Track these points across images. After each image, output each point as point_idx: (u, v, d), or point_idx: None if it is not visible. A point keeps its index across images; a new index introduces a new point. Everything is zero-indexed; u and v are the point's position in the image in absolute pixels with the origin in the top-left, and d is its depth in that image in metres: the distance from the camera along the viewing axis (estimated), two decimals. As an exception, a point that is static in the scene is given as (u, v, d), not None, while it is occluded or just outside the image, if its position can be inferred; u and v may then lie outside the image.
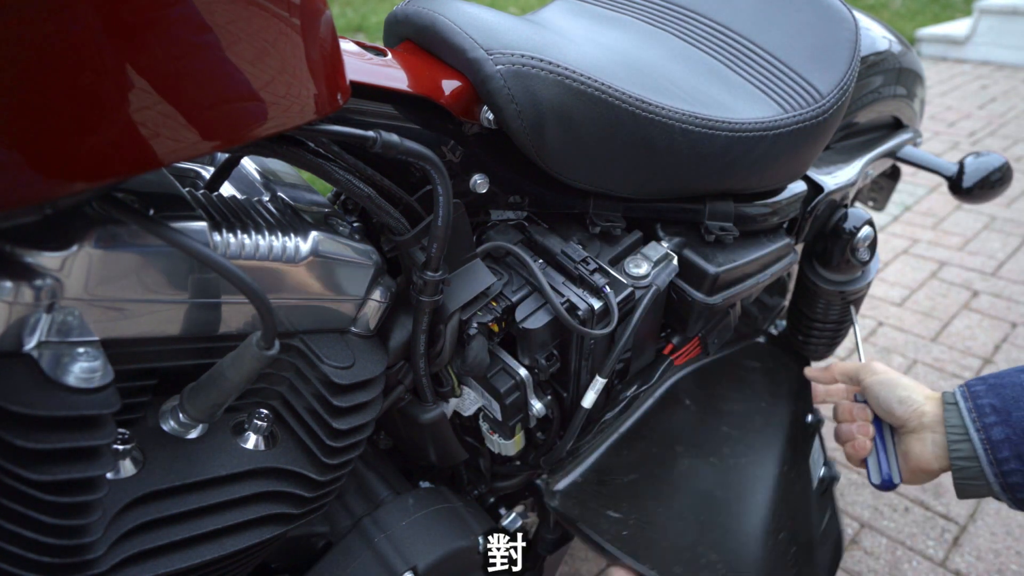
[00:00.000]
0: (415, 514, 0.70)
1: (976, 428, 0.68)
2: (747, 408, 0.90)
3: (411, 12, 0.66)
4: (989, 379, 0.70)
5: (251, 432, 0.55)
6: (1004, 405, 0.67)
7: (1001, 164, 1.20)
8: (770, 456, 0.86)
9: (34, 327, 0.40)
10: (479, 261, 0.66)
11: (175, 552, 0.49)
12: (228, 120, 0.41)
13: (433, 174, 0.55)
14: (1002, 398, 0.67)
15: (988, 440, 0.67)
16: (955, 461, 0.69)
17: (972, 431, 0.68)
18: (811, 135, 0.78)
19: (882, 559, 1.31)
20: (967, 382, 0.72)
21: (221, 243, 0.48)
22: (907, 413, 0.74)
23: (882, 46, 1.07)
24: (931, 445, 0.72)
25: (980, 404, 0.68)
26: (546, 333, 0.68)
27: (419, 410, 0.69)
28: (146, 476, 0.48)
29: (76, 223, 0.42)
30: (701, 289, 0.77)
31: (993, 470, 0.66)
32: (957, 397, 0.71)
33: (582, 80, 0.63)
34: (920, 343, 1.84)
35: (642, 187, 0.73)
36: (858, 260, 0.98)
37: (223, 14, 0.38)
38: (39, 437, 0.39)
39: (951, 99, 3.61)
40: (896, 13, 5.20)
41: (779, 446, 0.88)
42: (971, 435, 0.68)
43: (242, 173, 0.65)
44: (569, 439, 0.75)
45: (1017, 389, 0.67)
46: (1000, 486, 0.67)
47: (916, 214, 2.50)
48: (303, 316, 0.56)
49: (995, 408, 0.67)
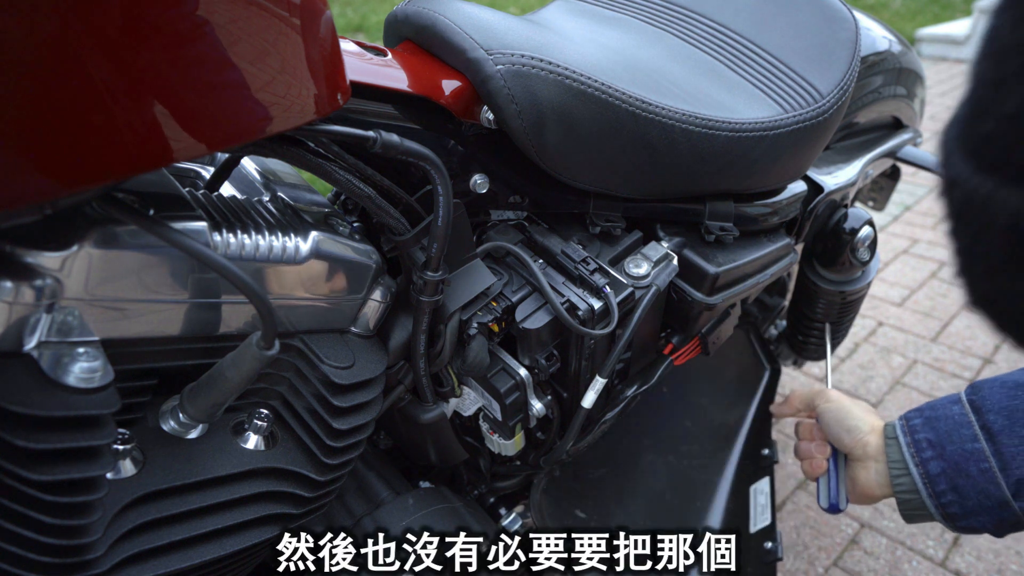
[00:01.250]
0: (415, 514, 0.69)
1: (915, 463, 0.72)
2: (711, 403, 0.91)
3: (411, 12, 0.66)
4: (926, 411, 0.74)
5: (251, 432, 0.55)
6: (939, 439, 0.71)
7: (1001, 164, 1.20)
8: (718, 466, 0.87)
9: (34, 327, 0.40)
10: (479, 261, 0.66)
11: (175, 552, 0.49)
12: (228, 120, 0.41)
13: (433, 174, 0.55)
14: (936, 432, 0.71)
15: (926, 475, 0.71)
16: (898, 493, 0.74)
17: (911, 466, 0.72)
18: (811, 135, 0.78)
19: (882, 559, 1.31)
20: (906, 414, 0.75)
21: (221, 243, 0.48)
22: (853, 442, 0.78)
23: (882, 46, 1.07)
24: (875, 474, 0.76)
25: (917, 439, 0.72)
26: (546, 333, 0.68)
27: (419, 410, 0.69)
28: (146, 476, 0.48)
29: (76, 223, 0.42)
30: (701, 289, 0.77)
31: (933, 502, 0.71)
32: (897, 431, 0.75)
33: (582, 80, 0.63)
34: (920, 343, 1.84)
35: (642, 187, 0.73)
36: (858, 260, 0.98)
37: (223, 14, 0.38)
38: (39, 437, 0.39)
39: (951, 99, 3.61)
40: (896, 13, 5.20)
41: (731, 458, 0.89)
42: (911, 470, 0.72)
43: (242, 173, 0.65)
44: (569, 439, 0.75)
45: (950, 423, 0.71)
46: (941, 516, 0.71)
47: (916, 214, 2.50)
48: (303, 316, 0.56)
49: (931, 443, 0.71)
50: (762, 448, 0.92)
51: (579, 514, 0.74)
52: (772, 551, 0.83)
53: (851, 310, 1.09)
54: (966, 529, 0.71)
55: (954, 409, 0.71)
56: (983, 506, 0.68)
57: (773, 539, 0.83)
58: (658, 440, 0.83)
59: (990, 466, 0.67)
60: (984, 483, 0.67)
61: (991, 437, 0.68)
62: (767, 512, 0.86)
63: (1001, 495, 0.66)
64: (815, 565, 1.30)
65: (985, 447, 0.68)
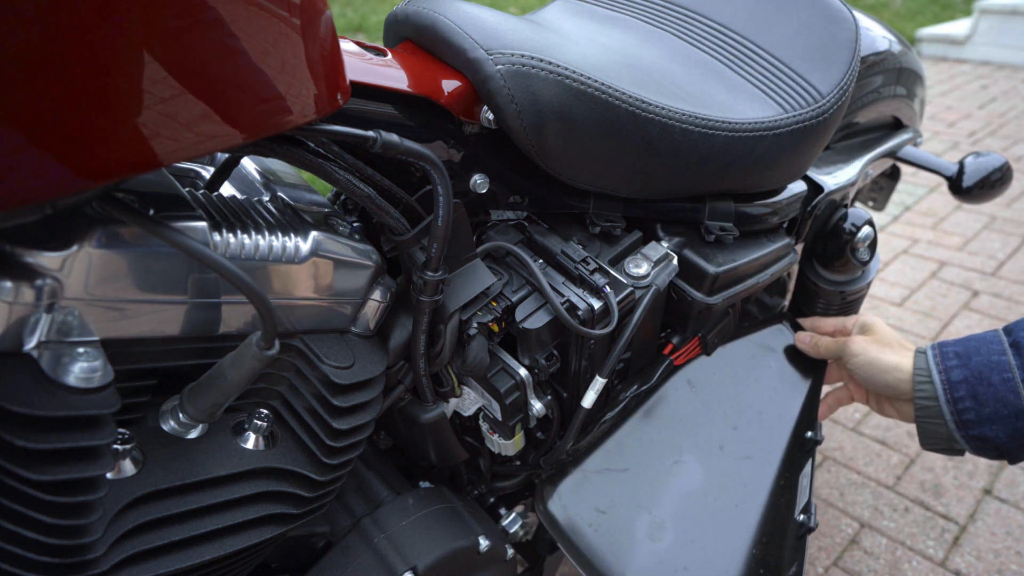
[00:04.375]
0: (415, 514, 0.70)
1: (938, 371, 0.75)
2: (758, 402, 0.89)
3: (411, 12, 0.66)
4: (962, 338, 0.78)
5: (251, 432, 0.55)
6: (966, 351, 0.74)
7: (1001, 164, 1.20)
8: (767, 464, 0.85)
9: (34, 327, 0.40)
10: (479, 261, 0.66)
11: (175, 552, 0.49)
12: (228, 120, 0.41)
13: (433, 174, 0.55)
14: (966, 347, 0.75)
15: (947, 381, 0.74)
16: (917, 399, 0.77)
17: (934, 372, 0.76)
18: (811, 135, 0.78)
19: (882, 559, 1.31)
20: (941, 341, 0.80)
21: (221, 243, 0.48)
22: (894, 393, 0.82)
23: (882, 46, 1.07)
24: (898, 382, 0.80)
25: (945, 351, 0.76)
26: (546, 333, 0.68)
27: (419, 410, 0.69)
28: (146, 476, 0.48)
29: (76, 223, 0.42)
30: (701, 289, 0.77)
31: (950, 408, 0.74)
32: (927, 348, 0.79)
33: (582, 80, 0.63)
34: (920, 343, 1.84)
35: (642, 187, 0.73)
36: (858, 260, 0.98)
37: (223, 14, 0.38)
38: (39, 437, 0.39)
39: (951, 99, 3.61)
40: (896, 13, 5.20)
41: (779, 453, 0.87)
42: (933, 377, 0.76)
43: (242, 173, 0.65)
44: (569, 439, 0.75)
45: (980, 340, 0.75)
46: (955, 423, 0.73)
47: (916, 214, 2.50)
48: (303, 316, 0.56)
49: (958, 354, 0.75)
50: (807, 431, 0.91)
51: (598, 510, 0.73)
52: (804, 523, 0.83)
53: (851, 310, 1.09)
54: (977, 439, 0.73)
55: (988, 333, 0.75)
56: (999, 414, 0.70)
57: (807, 511, 0.83)
58: (693, 440, 0.82)
59: (1013, 376, 0.70)
60: (1004, 391, 0.70)
61: (1019, 352, 0.71)
62: (807, 491, 0.85)
63: (1019, 404, 0.69)
64: (815, 565, 1.30)
65: (1011, 360, 0.70)
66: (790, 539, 0.81)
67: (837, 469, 1.51)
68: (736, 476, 0.82)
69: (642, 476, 0.77)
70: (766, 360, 0.94)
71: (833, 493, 1.45)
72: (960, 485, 1.46)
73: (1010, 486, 1.45)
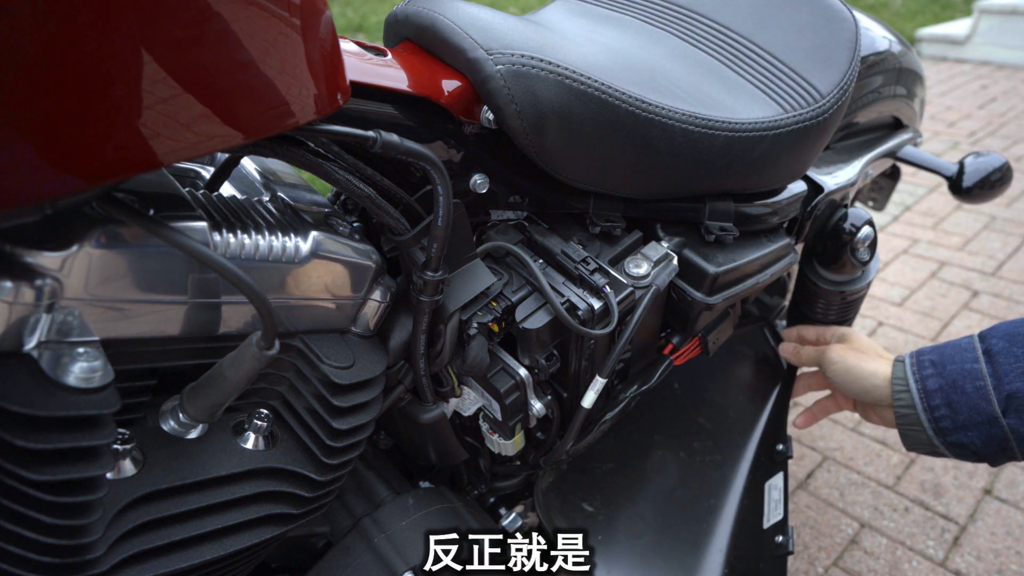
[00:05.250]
0: (415, 514, 0.70)
1: (915, 380, 0.78)
2: (726, 402, 0.91)
3: (411, 12, 0.66)
4: (939, 345, 0.79)
5: (251, 432, 0.55)
6: (941, 360, 0.77)
7: (1001, 164, 1.20)
8: (733, 464, 0.87)
9: (34, 327, 0.40)
10: (479, 261, 0.66)
11: (175, 552, 0.49)
12: (228, 120, 0.41)
13: (433, 174, 0.55)
14: (941, 355, 0.77)
15: (924, 390, 0.76)
16: (897, 407, 0.79)
17: (911, 381, 0.78)
18: (811, 135, 0.78)
19: (882, 559, 1.31)
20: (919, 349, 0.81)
21: (221, 243, 0.48)
22: (872, 399, 0.84)
23: (882, 46, 1.07)
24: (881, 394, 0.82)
25: (922, 360, 0.79)
26: (546, 333, 0.68)
27: (419, 410, 0.69)
28: (146, 476, 0.48)
29: (76, 223, 0.42)
30: (701, 289, 0.77)
31: (927, 416, 0.76)
32: (905, 356, 0.81)
33: (582, 80, 0.63)
34: (920, 343, 1.84)
35: (642, 187, 0.73)
36: (858, 260, 0.98)
37: (223, 14, 0.38)
38: (39, 437, 0.39)
39: (951, 99, 3.61)
40: (896, 13, 5.20)
41: (746, 456, 0.89)
42: (910, 385, 0.78)
43: (242, 173, 0.65)
44: (569, 439, 0.75)
45: (955, 348, 0.77)
46: (933, 430, 0.76)
47: (916, 214, 2.50)
48: (303, 316, 0.56)
49: (933, 363, 0.77)
50: (777, 444, 0.92)
51: (586, 507, 0.74)
52: (783, 544, 0.83)
53: (851, 310, 1.09)
54: (955, 445, 0.74)
55: (963, 340, 0.77)
56: (973, 421, 0.72)
57: (784, 533, 0.84)
58: (669, 436, 0.83)
59: (985, 384, 0.71)
60: (977, 399, 0.71)
61: (991, 359, 0.72)
62: (780, 507, 0.86)
63: (991, 411, 0.70)
64: (815, 565, 1.30)
65: (983, 367, 0.72)
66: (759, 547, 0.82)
67: (837, 469, 1.51)
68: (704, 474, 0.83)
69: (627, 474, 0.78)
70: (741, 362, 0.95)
71: (833, 493, 1.45)
72: (960, 485, 1.46)
73: (1010, 486, 1.45)
